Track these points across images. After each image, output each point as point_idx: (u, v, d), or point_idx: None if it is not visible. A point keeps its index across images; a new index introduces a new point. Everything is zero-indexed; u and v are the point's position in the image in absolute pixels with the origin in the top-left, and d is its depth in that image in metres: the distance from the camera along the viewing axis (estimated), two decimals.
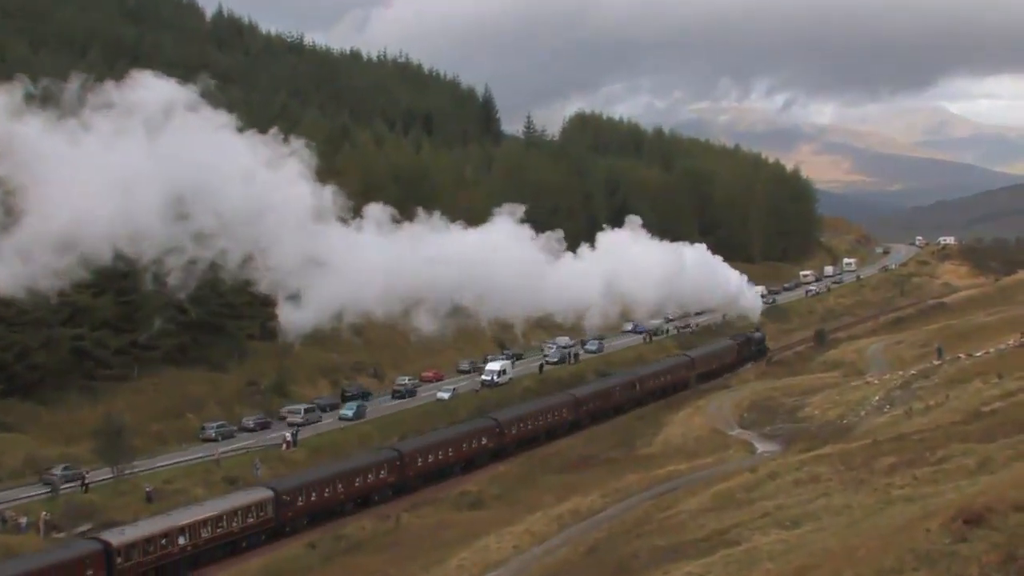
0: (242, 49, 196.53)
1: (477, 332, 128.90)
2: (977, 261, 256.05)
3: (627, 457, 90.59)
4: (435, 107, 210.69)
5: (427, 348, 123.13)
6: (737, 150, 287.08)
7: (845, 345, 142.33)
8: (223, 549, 70.00)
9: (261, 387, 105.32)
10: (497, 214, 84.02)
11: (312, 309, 65.39)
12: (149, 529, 65.80)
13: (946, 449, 48.44)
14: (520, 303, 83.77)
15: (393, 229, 71.28)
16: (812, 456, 59.02)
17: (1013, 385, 70.18)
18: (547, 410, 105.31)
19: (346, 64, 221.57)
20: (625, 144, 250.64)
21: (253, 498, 73.39)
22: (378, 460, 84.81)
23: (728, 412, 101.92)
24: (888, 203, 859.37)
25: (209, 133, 57.24)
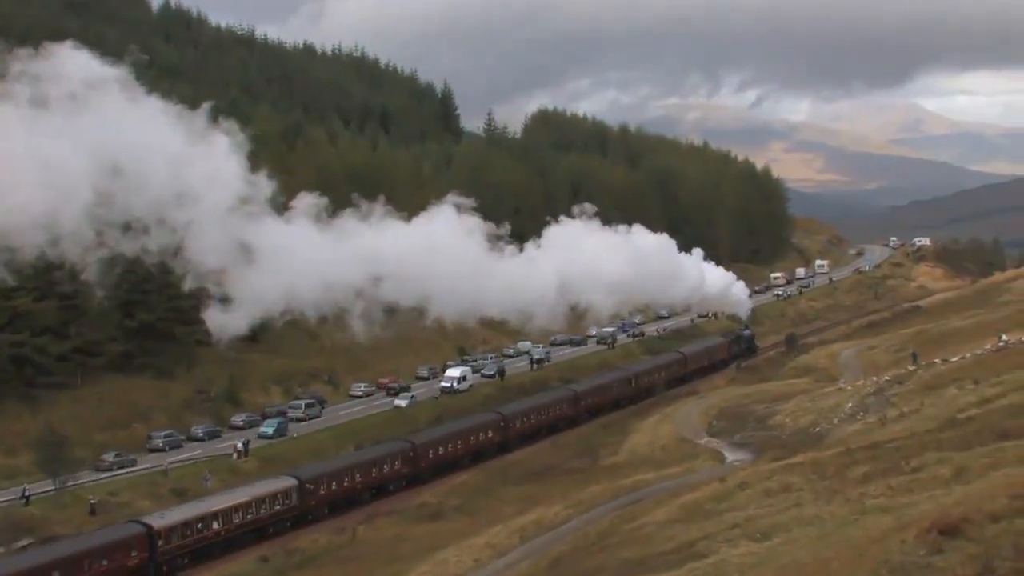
0: (190, 42, 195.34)
1: (437, 338, 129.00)
2: (953, 263, 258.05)
3: (591, 467, 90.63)
4: (392, 103, 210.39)
5: (385, 354, 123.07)
6: (705, 148, 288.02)
7: (817, 350, 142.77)
8: (252, 535, 76.39)
9: (211, 395, 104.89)
10: (440, 204, 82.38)
11: (243, 311, 63.74)
12: (186, 514, 72.31)
13: (921, 458, 48.58)
14: (462, 303, 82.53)
15: (326, 222, 69.61)
16: (783, 465, 59.10)
17: (990, 391, 70.45)
18: (549, 405, 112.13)
19: (300, 58, 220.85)
20: (590, 142, 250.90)
21: (279, 486, 79.89)
22: (393, 451, 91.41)
23: (696, 420, 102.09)
24: (862, 203, 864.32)
25: (129, 110, 54.67)
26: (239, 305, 63.26)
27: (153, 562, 68.76)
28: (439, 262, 76.40)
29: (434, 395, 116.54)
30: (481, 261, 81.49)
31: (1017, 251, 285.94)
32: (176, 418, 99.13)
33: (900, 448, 53.53)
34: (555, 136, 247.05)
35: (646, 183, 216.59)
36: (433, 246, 76.55)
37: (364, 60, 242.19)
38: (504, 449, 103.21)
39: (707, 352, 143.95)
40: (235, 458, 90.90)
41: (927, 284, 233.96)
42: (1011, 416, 54.88)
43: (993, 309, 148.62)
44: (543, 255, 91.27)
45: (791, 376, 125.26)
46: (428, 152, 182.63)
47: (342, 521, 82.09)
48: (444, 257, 77.12)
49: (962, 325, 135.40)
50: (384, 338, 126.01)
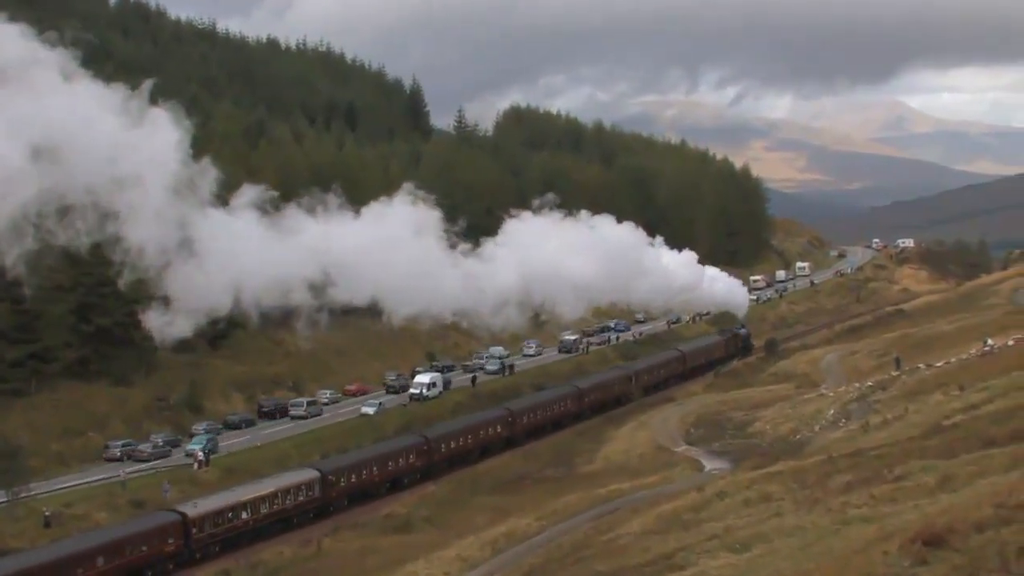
0: (149, 36, 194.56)
1: (406, 343, 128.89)
2: (937, 265, 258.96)
3: (566, 475, 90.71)
4: (359, 100, 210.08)
5: (352, 360, 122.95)
6: (683, 146, 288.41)
7: (798, 355, 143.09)
8: (278, 525, 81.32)
9: (170, 402, 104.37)
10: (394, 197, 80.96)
11: (185, 312, 62.21)
12: (218, 503, 77.46)
13: (905, 466, 48.77)
14: (415, 305, 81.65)
15: (274, 216, 67.80)
16: (763, 474, 59.26)
17: (975, 397, 70.79)
18: (554, 401, 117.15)
19: (263, 53, 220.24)
20: (563, 140, 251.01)
21: (303, 478, 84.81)
22: (407, 445, 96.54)
23: (674, 427, 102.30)
24: (844, 203, 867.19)
25: (63, 90, 52.82)
26: (181, 305, 61.83)
27: (188, 549, 73.84)
28: (390, 259, 75.34)
29: (403, 402, 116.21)
30: (436, 259, 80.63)
31: (1003, 253, 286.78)
32: (134, 427, 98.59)
33: (883, 456, 53.76)
34: (528, 134, 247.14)
35: (621, 182, 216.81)
36: (383, 241, 75.47)
37: (330, 55, 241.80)
38: (511, 444, 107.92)
39: (705, 350, 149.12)
40: (196, 467, 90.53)
41: (911, 287, 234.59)
42: (997, 422, 55.12)
43: (978, 312, 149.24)
44: (502, 253, 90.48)
45: (771, 382, 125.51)
46: (396, 151, 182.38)
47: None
48: (395, 254, 76.06)
49: (947, 329, 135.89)
50: (350, 343, 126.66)
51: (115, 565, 68.39)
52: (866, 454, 56.61)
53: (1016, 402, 61.86)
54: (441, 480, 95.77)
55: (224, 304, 65.22)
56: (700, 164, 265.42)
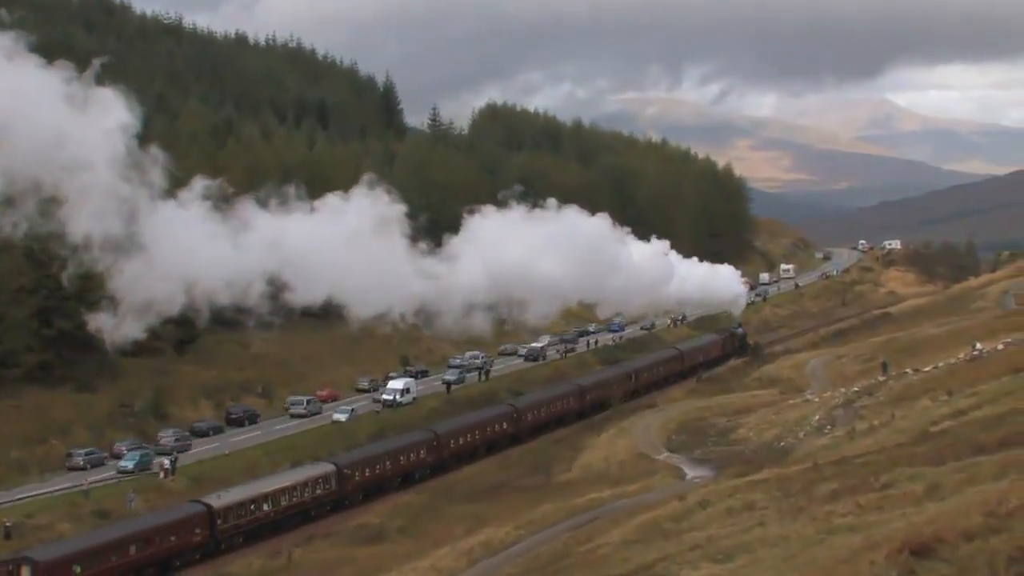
0: (113, 32, 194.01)
1: (378, 347, 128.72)
2: (925, 267, 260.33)
3: (543, 484, 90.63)
4: (330, 97, 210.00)
5: (323, 365, 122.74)
6: (664, 145, 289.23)
7: (782, 360, 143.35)
8: (296, 517, 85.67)
9: (135, 409, 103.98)
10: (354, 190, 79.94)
11: (133, 312, 61.32)
12: (241, 495, 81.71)
13: (892, 473, 48.86)
14: (376, 306, 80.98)
15: (227, 210, 66.67)
16: (746, 482, 59.32)
17: (964, 403, 71.01)
18: (558, 398, 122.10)
19: (231, 49, 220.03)
20: (541, 139, 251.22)
21: (320, 471, 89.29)
22: (418, 440, 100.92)
23: (654, 434, 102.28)
24: (830, 203, 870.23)
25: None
26: (130, 305, 60.92)
27: (213, 540, 78.28)
28: (347, 256, 74.50)
29: (375, 408, 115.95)
30: (397, 257, 79.91)
31: (992, 255, 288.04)
32: (98, 434, 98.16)
33: (870, 463, 53.86)
34: (505, 132, 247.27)
35: (601, 182, 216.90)
36: (339, 237, 74.39)
37: (300, 51, 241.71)
38: (516, 440, 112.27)
39: (703, 349, 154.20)
40: (162, 477, 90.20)
41: (898, 290, 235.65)
42: (986, 429, 55.30)
43: (967, 316, 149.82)
44: (467, 251, 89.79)
45: (755, 387, 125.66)
46: (369, 150, 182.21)
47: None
48: (352, 251, 75.15)
49: (935, 333, 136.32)
50: (321, 348, 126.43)
51: (147, 554, 73.33)
52: (852, 461, 56.72)
53: (1005, 408, 62.07)
54: (415, 488, 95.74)
55: (175, 303, 64.39)
56: (681, 163, 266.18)
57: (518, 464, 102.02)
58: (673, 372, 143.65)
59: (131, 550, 72.08)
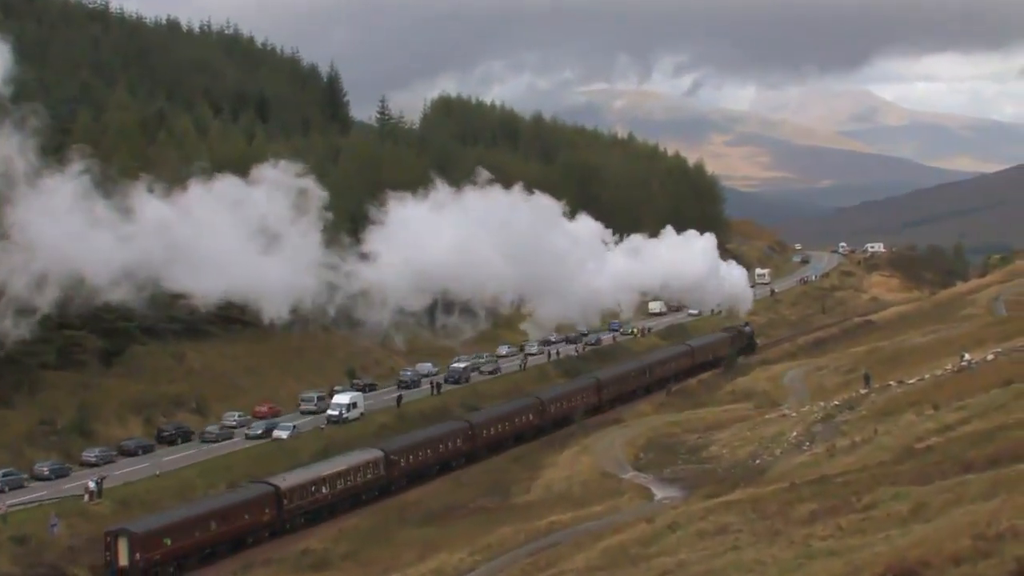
0: (33, 17, 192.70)
1: (323, 359, 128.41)
2: (909, 272, 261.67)
3: (501, 506, 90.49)
4: (270, 89, 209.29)
5: (263, 378, 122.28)
6: (631, 140, 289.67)
7: (757, 371, 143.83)
8: (349, 501, 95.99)
9: (57, 427, 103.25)
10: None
11: (10, 309, 60.37)
12: (303, 478, 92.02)
13: (874, 493, 49.11)
14: (280, 307, 79.80)
15: (108, 192, 65.20)
16: (719, 503, 59.50)
17: (951, 417, 71.46)
18: (577, 392, 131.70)
19: (162, 36, 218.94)
20: (499, 133, 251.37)
21: (369, 457, 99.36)
22: (455, 429, 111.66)
23: (620, 451, 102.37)
24: (808, 203, 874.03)
25: None
26: (9, 301, 59.93)
27: (280, 519, 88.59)
28: (248, 249, 73.23)
29: (320, 425, 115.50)
30: (310, 253, 78.83)
31: (981, 258, 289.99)
32: (16, 453, 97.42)
33: (851, 482, 54.11)
34: (459, 126, 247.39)
35: (562, 180, 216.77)
36: (233, 228, 73.40)
37: (237, 39, 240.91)
38: (541, 432, 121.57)
39: (711, 347, 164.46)
40: (87, 499, 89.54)
41: (881, 296, 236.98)
42: (975, 445, 55.64)
43: (955, 324, 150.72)
44: (387, 247, 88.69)
45: (728, 401, 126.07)
46: (312, 145, 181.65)
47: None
48: (255, 243, 73.79)
49: (920, 342, 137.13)
50: (261, 360, 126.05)
51: (225, 530, 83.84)
52: (832, 481, 56.98)
53: (995, 423, 62.49)
54: (363, 511, 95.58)
55: (49, 298, 63.21)
56: (649, 160, 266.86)
57: (473, 485, 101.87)
58: (684, 368, 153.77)
59: (212, 526, 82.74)
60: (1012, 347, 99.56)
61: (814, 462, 73.31)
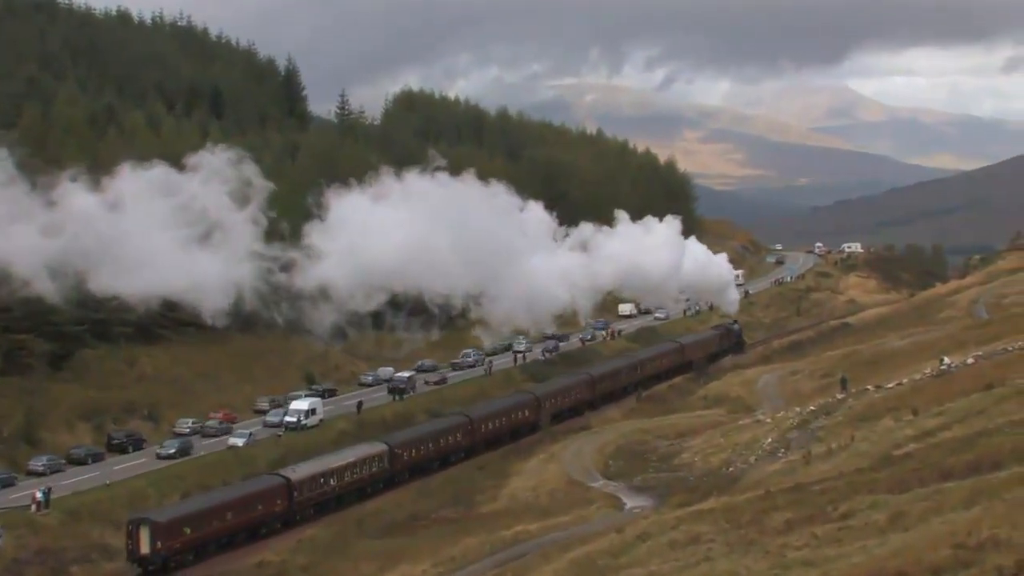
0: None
1: (279, 363, 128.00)
2: (887, 273, 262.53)
3: (465, 516, 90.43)
4: (225, 83, 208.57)
5: (218, 383, 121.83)
6: (600, 137, 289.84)
7: (731, 376, 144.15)
8: (355, 494, 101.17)
9: (3, 434, 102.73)
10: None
11: None
12: (312, 470, 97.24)
13: (852, 502, 49.24)
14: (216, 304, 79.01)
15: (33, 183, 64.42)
16: (691, 512, 59.57)
17: (930, 423, 71.68)
18: (572, 388, 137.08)
19: (112, 28, 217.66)
20: (463, 129, 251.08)
21: (375, 450, 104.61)
22: (455, 424, 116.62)
23: (589, 459, 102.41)
24: (783, 202, 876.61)
25: None
26: None
27: (291, 510, 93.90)
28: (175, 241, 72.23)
29: (277, 432, 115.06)
30: (241, 247, 77.93)
31: (961, 259, 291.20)
32: None
33: (827, 491, 54.23)
34: (422, 122, 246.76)
35: (528, 177, 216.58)
36: (155, 221, 72.48)
37: (191, 31, 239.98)
38: (535, 428, 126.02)
39: (702, 344, 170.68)
40: (34, 510, 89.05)
41: (858, 298, 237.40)
42: (955, 452, 55.83)
43: (934, 327, 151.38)
44: (332, 241, 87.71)
45: (700, 407, 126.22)
46: (269, 141, 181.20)
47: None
48: (176, 236, 72.78)
49: (898, 346, 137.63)
50: (216, 364, 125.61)
51: (240, 520, 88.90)
52: (808, 489, 57.10)
53: (976, 428, 62.72)
54: (320, 522, 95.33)
55: None
56: (619, 157, 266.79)
57: (436, 494, 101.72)
58: (675, 364, 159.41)
59: (228, 516, 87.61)
60: (993, 350, 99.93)
61: (789, 470, 73.48)
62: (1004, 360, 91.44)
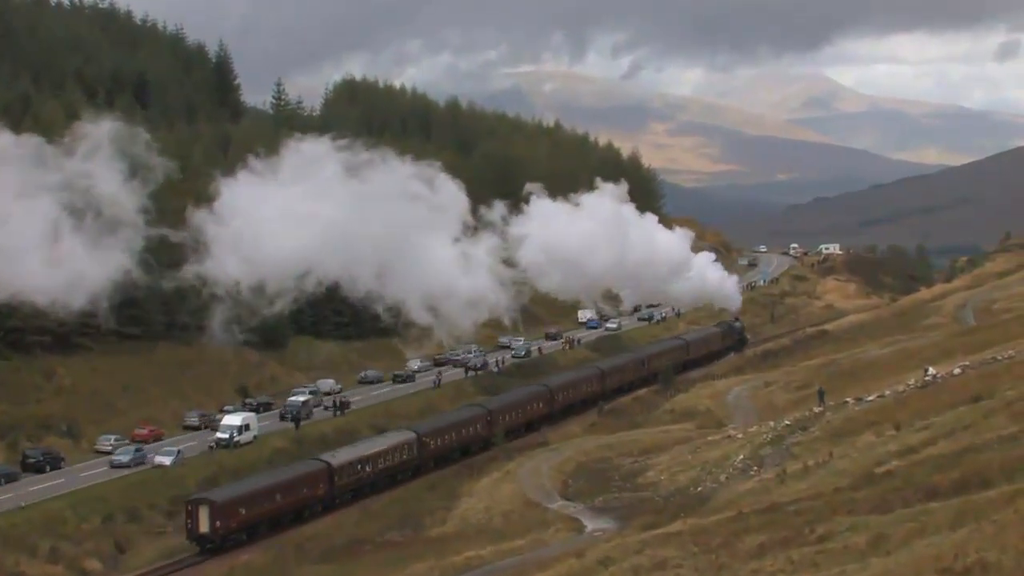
0: None
1: (212, 376, 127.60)
2: (868, 276, 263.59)
3: (412, 539, 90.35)
4: (151, 70, 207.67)
5: (143, 397, 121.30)
6: (558, 129, 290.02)
7: (699, 388, 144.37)
8: (386, 481, 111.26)
9: None
10: None
11: None
12: (350, 455, 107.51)
13: (829, 523, 49.46)
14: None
15: None
16: (657, 535, 59.70)
17: (914, 438, 72.06)
18: (581, 381, 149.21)
19: (28, 12, 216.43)
20: (410, 120, 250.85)
21: (404, 438, 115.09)
22: (474, 415, 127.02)
23: (547, 478, 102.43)
24: (756, 199, 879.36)
25: None
26: None
27: (331, 494, 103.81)
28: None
29: (209, 448, 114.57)
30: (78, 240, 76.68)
31: (947, 261, 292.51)
32: None
33: (803, 511, 54.45)
34: (365, 113, 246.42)
35: (480, 173, 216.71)
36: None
37: (113, 14, 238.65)
38: (550, 419, 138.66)
39: (705, 341, 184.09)
40: None
41: (836, 303, 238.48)
42: (940, 469, 56.14)
43: (918, 334, 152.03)
44: (219, 232, 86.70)
45: (667, 421, 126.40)
46: (199, 133, 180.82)
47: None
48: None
49: (880, 355, 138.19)
50: (141, 376, 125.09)
51: (287, 502, 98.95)
52: (783, 509, 57.32)
53: (963, 444, 63.08)
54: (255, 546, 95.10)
55: None
56: (578, 151, 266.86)
57: (382, 515, 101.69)
58: (680, 361, 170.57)
59: (277, 497, 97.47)
60: (981, 360, 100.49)
61: (762, 489, 73.69)
62: (993, 370, 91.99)
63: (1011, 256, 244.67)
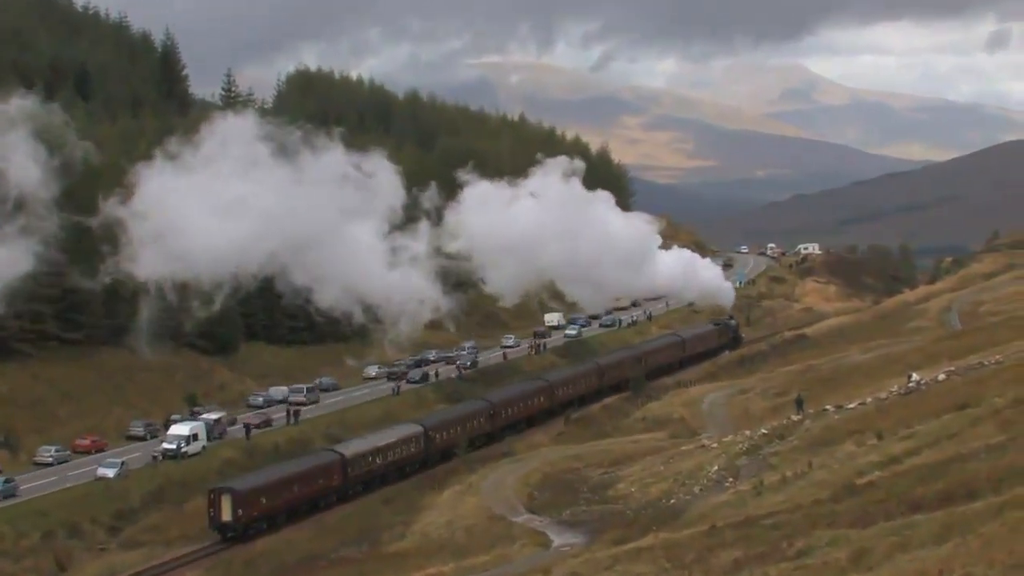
0: None
1: (158, 384, 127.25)
2: (849, 278, 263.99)
3: (369, 555, 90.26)
4: (93, 60, 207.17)
5: (85, 405, 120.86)
6: (522, 123, 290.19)
7: (672, 395, 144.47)
8: (395, 473, 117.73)
9: None
10: None
11: None
12: (361, 447, 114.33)
13: (809, 537, 49.56)
14: None
15: None
16: (628, 550, 59.74)
17: (897, 448, 72.22)
18: (581, 376, 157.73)
19: None
20: (367, 113, 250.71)
21: (412, 431, 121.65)
22: (477, 409, 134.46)
23: (512, 490, 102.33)
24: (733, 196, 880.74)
25: None
26: None
27: (344, 485, 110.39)
28: None
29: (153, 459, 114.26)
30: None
31: (931, 261, 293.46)
32: None
33: (781, 525, 54.56)
34: (319, 106, 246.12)
35: (440, 168, 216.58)
36: None
37: (52, 2, 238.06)
38: (550, 414, 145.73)
39: (702, 339, 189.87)
40: None
41: (816, 305, 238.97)
42: (924, 481, 56.31)
43: (901, 338, 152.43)
44: (139, 225, 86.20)
45: (638, 430, 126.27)
46: (143, 127, 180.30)
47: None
48: None
49: (861, 360, 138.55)
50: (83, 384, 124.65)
51: (304, 492, 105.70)
52: (759, 523, 57.41)
53: (948, 454, 63.29)
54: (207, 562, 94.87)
55: None
56: (544, 145, 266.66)
57: (337, 530, 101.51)
58: (675, 358, 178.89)
59: (295, 488, 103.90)
60: (967, 365, 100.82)
61: (738, 501, 73.80)
62: (979, 376, 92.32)
63: (999, 256, 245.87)
